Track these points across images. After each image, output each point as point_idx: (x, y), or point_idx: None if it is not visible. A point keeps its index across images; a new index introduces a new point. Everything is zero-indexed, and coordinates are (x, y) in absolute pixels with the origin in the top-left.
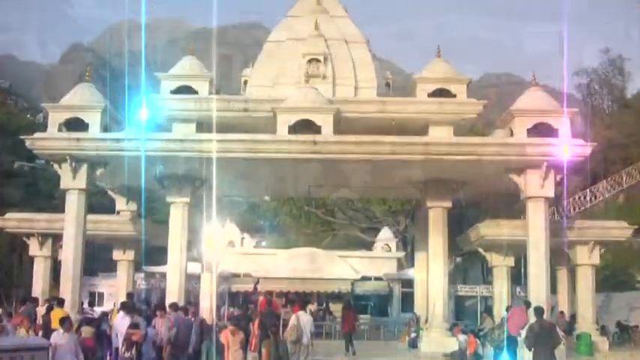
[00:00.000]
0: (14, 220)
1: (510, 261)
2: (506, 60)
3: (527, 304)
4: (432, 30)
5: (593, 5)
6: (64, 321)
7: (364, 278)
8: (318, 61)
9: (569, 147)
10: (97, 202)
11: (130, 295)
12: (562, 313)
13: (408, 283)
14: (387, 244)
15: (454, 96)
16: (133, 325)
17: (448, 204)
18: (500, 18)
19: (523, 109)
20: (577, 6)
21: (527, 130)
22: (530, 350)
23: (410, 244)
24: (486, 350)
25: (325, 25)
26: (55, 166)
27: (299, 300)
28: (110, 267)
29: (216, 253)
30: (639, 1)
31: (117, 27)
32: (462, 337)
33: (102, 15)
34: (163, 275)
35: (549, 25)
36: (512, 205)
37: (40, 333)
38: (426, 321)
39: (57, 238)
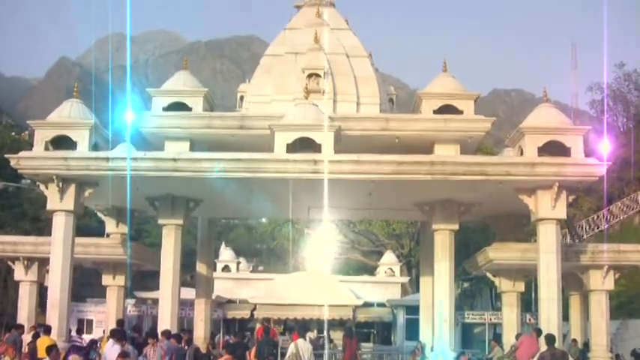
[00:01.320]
0: None
1: (520, 286)
2: (516, 75)
3: (538, 332)
4: (438, 43)
5: (607, 18)
6: (51, 349)
7: (366, 304)
8: (317, 75)
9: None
10: (86, 225)
11: (120, 322)
12: (575, 341)
13: (413, 310)
14: (391, 269)
15: (461, 113)
16: (123, 354)
17: (455, 226)
18: (511, 31)
19: (534, 127)
20: (590, 19)
21: (538, 148)
22: None
23: (415, 269)
24: None
25: (325, 38)
26: (42, 186)
27: (298, 327)
28: (99, 293)
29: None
30: None
31: (105, 40)
32: None
33: (90, 28)
34: (155, 301)
35: (562, 39)
36: (522, 228)
37: None
38: (432, 349)
39: (43, 263)
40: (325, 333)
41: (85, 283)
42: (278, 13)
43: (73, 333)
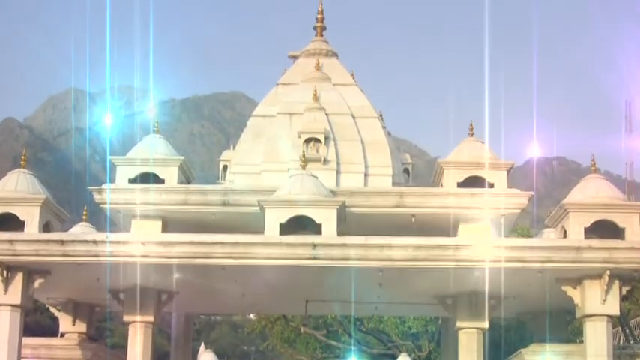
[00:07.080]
0: None
1: None
2: (557, 141)
3: None
4: (463, 103)
5: None
6: None
7: None
8: (317, 141)
9: None
10: (36, 322)
11: None
12: None
13: None
14: None
15: (492, 186)
16: None
17: (483, 324)
18: (550, 90)
19: (579, 203)
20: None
21: (585, 229)
22: None
23: None
24: None
25: (327, 95)
26: None
27: None
28: None
29: None
30: None
31: (58, 98)
32: None
33: (41, 84)
34: None
35: (611, 98)
36: (565, 326)
37: None
38: None
39: None
40: None
41: None
42: (268, 65)
43: None
